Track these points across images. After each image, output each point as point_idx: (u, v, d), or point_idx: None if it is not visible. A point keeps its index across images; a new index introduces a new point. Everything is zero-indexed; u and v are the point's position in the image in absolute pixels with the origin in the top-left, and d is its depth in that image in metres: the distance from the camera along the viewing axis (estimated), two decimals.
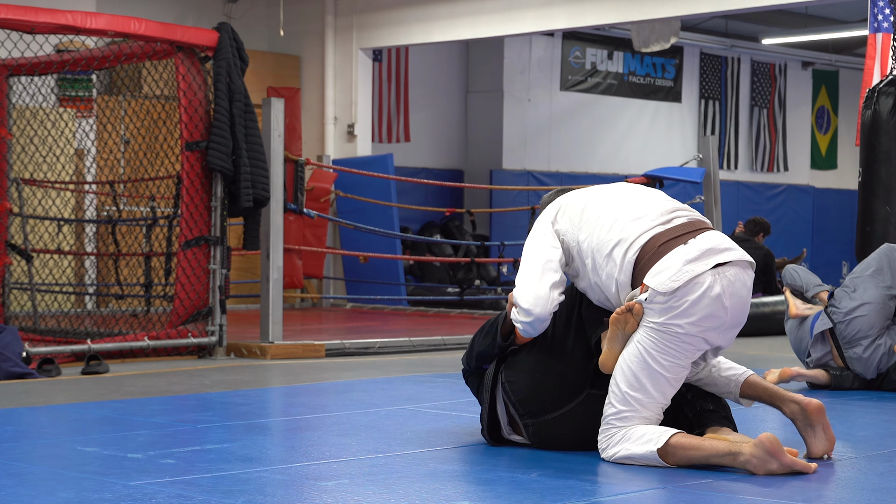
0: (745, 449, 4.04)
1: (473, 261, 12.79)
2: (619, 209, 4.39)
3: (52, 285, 10.76)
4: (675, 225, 4.32)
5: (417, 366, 8.03)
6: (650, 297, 4.16)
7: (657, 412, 4.23)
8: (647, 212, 4.36)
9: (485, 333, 4.62)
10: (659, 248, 4.24)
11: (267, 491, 3.79)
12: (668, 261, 4.18)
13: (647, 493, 3.84)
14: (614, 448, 4.23)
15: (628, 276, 4.26)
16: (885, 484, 4.00)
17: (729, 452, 4.07)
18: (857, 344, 6.47)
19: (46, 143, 10.19)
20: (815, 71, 21.50)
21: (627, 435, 4.20)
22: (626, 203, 4.42)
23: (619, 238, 4.30)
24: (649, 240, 4.27)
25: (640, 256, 4.25)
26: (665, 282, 4.14)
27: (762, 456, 4.02)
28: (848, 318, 6.48)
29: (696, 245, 4.22)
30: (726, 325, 4.22)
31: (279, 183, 8.64)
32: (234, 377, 7.27)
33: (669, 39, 15.09)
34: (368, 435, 4.90)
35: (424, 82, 16.89)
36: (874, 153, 7.33)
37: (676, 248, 4.22)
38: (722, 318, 4.19)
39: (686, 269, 4.15)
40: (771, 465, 4.03)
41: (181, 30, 8.28)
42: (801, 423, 4.37)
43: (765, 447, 4.02)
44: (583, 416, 4.40)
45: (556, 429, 4.42)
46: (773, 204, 20.88)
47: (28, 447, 4.68)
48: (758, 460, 4.03)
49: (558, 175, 17.93)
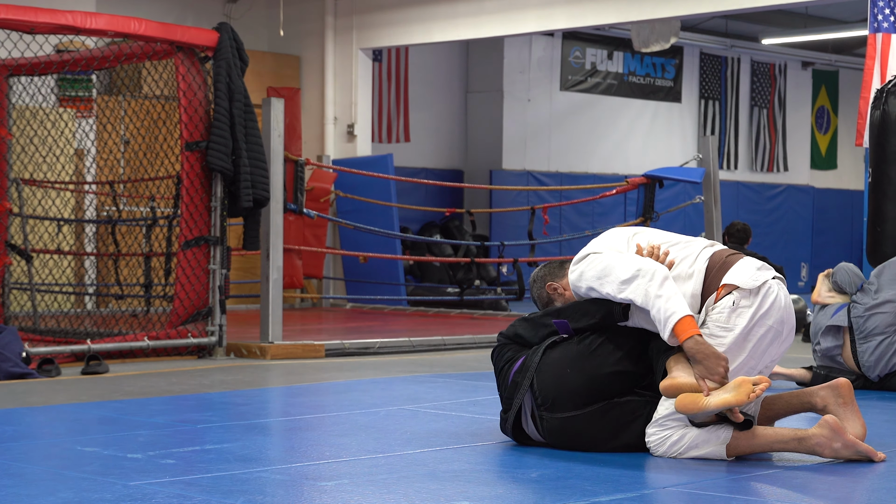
0: (811, 431, 4.22)
1: (473, 261, 12.78)
2: (665, 238, 4.57)
3: (52, 285, 10.75)
4: (722, 247, 4.54)
5: (417, 366, 8.03)
6: (738, 298, 4.29)
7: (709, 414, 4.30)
8: (691, 239, 4.58)
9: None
10: (726, 258, 4.42)
11: (267, 491, 3.79)
12: (740, 267, 4.37)
13: (647, 493, 3.85)
14: (675, 447, 4.34)
15: (699, 284, 4.38)
16: (885, 484, 4.00)
17: (795, 437, 4.25)
18: (871, 339, 6.58)
19: (46, 143, 10.19)
20: (815, 71, 21.50)
21: (686, 435, 4.31)
22: (667, 237, 4.60)
23: (683, 255, 4.46)
24: (714, 254, 4.45)
25: (710, 267, 4.40)
26: (748, 280, 4.31)
27: (828, 434, 4.20)
28: (868, 313, 6.61)
29: (750, 260, 4.45)
30: (784, 335, 4.37)
31: (279, 183, 8.64)
32: (233, 377, 7.27)
33: (669, 39, 15.09)
34: (368, 435, 4.90)
35: (424, 82, 16.89)
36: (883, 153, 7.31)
37: (740, 261, 4.41)
38: (788, 325, 4.36)
39: (759, 274, 4.34)
40: (836, 443, 4.21)
41: (181, 30, 8.28)
42: (835, 404, 4.47)
43: (829, 426, 4.21)
44: (598, 422, 4.41)
45: (568, 428, 4.42)
46: (773, 204, 20.88)
47: (28, 447, 4.68)
48: (825, 439, 4.20)
49: (558, 175, 17.93)
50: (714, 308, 4.33)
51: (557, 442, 4.48)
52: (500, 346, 4.71)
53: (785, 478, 4.08)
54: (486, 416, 5.34)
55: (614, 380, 4.41)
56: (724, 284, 4.33)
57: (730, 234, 12.52)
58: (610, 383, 4.41)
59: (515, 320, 4.77)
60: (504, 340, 4.70)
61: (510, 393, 4.53)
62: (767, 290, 4.33)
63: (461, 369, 7.65)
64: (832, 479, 4.10)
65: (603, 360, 4.38)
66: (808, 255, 21.30)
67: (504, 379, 4.61)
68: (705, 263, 4.42)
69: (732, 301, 4.30)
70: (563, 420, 4.41)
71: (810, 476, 4.12)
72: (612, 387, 4.41)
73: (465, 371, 7.50)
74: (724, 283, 4.33)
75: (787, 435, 4.31)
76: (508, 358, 4.63)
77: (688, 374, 4.24)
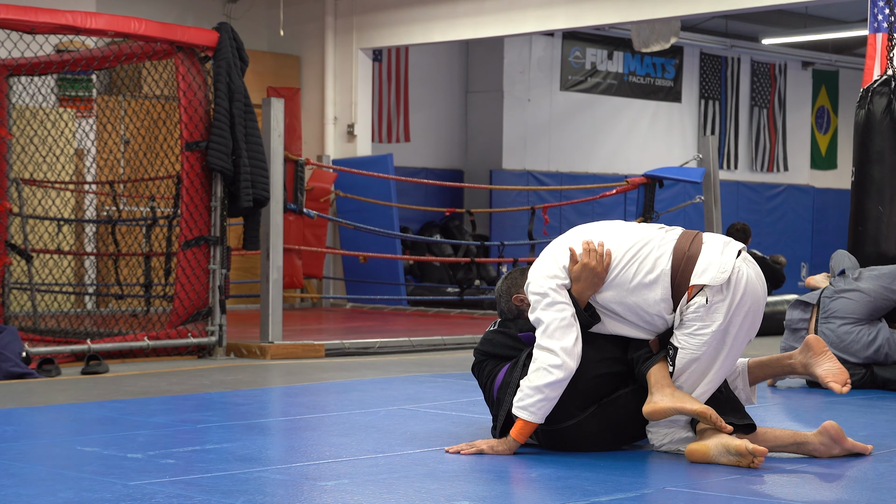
0: (810, 437, 4.35)
1: (473, 261, 12.78)
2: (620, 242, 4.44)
3: (52, 285, 10.75)
4: (679, 234, 4.45)
5: (417, 366, 8.03)
6: (710, 295, 4.26)
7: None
8: (645, 235, 4.45)
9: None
10: (689, 250, 4.35)
11: (267, 491, 3.79)
12: (704, 260, 4.31)
13: (647, 493, 3.85)
14: (675, 445, 4.39)
15: (667, 289, 4.33)
16: (885, 484, 4.00)
17: (794, 442, 4.38)
18: (832, 321, 6.72)
19: (46, 143, 10.19)
20: (815, 71, 21.50)
21: (687, 434, 4.35)
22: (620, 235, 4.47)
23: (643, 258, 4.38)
24: (675, 249, 4.37)
25: (675, 265, 4.34)
26: (716, 276, 4.27)
27: (827, 442, 4.35)
28: (836, 295, 6.79)
29: (712, 240, 4.38)
30: (759, 308, 4.37)
31: (279, 183, 8.64)
32: (234, 377, 7.27)
33: (669, 39, 15.08)
34: (368, 435, 4.90)
35: (424, 82, 16.88)
36: (867, 153, 7.34)
37: (702, 249, 4.34)
38: (761, 299, 4.37)
39: (725, 263, 4.29)
40: (834, 450, 4.36)
41: (181, 30, 8.28)
42: (809, 360, 4.56)
43: (830, 434, 4.35)
44: (595, 425, 4.41)
45: (568, 436, 4.43)
46: (773, 204, 20.88)
47: (28, 447, 4.68)
48: (824, 447, 4.35)
49: (558, 175, 17.93)
50: (688, 307, 4.30)
51: (557, 448, 4.48)
52: (478, 363, 4.72)
53: (785, 478, 4.08)
54: (486, 416, 5.33)
55: (601, 382, 4.41)
56: (693, 286, 4.28)
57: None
58: (597, 386, 4.41)
59: (486, 333, 4.75)
60: (480, 357, 4.71)
61: (496, 410, 4.54)
62: (738, 277, 4.28)
63: (461, 369, 7.64)
64: (832, 480, 4.10)
65: (586, 367, 4.37)
66: (808, 255, 21.29)
67: (489, 394, 4.61)
68: (669, 262, 4.33)
69: (706, 299, 4.27)
70: (563, 430, 4.41)
71: (810, 476, 4.13)
72: (599, 389, 4.41)
73: (465, 371, 7.49)
74: (693, 285, 4.28)
75: (786, 439, 4.40)
76: (489, 372, 4.64)
77: (669, 397, 4.27)
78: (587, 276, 4.35)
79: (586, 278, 4.35)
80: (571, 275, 4.37)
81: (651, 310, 4.34)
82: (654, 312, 4.34)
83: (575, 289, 4.37)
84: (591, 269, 4.34)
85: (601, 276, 4.35)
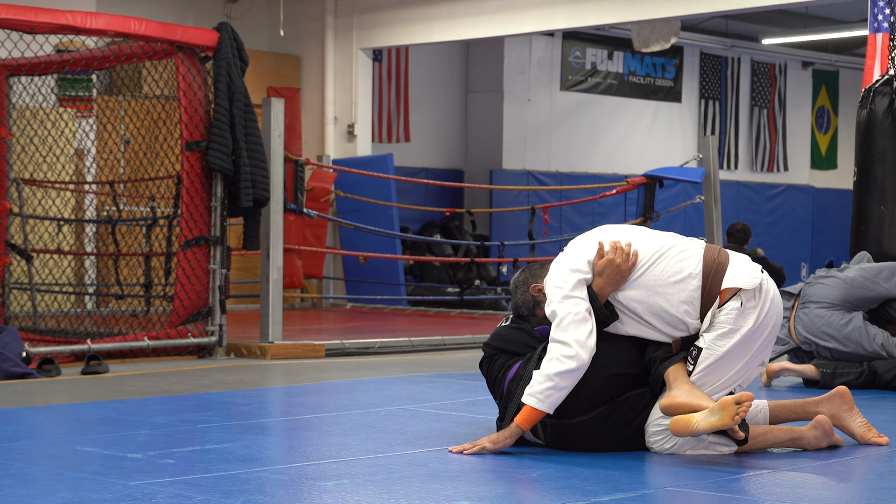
0: (805, 432, 4.49)
1: (473, 261, 12.78)
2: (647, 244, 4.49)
3: (52, 285, 10.75)
4: (705, 244, 4.54)
5: (417, 366, 8.03)
6: (745, 300, 4.33)
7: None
8: (671, 240, 4.52)
9: None
10: (718, 259, 4.42)
11: (267, 491, 3.79)
12: (736, 267, 4.39)
13: (647, 493, 3.85)
14: (675, 447, 4.40)
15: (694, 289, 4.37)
16: (885, 484, 4.00)
17: (790, 438, 4.50)
18: (807, 306, 6.78)
19: (46, 143, 10.19)
20: (815, 71, 21.50)
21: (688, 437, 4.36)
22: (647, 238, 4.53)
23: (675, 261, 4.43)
24: (705, 257, 4.43)
25: (706, 272, 4.39)
26: (749, 280, 4.35)
27: (820, 436, 4.49)
28: (815, 281, 6.85)
29: (736, 254, 4.50)
30: (777, 323, 4.44)
31: (279, 183, 8.64)
32: (233, 377, 7.27)
33: (669, 39, 15.08)
34: (368, 435, 4.90)
35: (424, 82, 16.88)
36: (869, 153, 7.34)
37: (731, 260, 4.43)
38: (780, 316, 4.45)
39: (755, 271, 4.40)
40: (823, 442, 4.51)
41: (181, 30, 8.27)
42: (839, 412, 4.66)
43: (822, 428, 4.50)
44: (603, 425, 4.41)
45: (576, 432, 4.43)
46: (773, 204, 20.88)
47: (28, 447, 4.68)
48: (816, 440, 4.49)
49: (558, 175, 17.93)
50: (721, 311, 4.35)
51: (561, 446, 4.48)
52: (488, 357, 4.71)
53: (785, 478, 4.07)
54: (486, 416, 5.33)
55: (616, 382, 4.42)
56: (727, 289, 4.35)
57: (730, 234, 12.52)
58: (612, 385, 4.41)
59: (497, 329, 4.75)
60: (491, 351, 4.70)
61: (506, 401, 4.53)
62: (767, 287, 4.40)
63: (461, 369, 7.65)
64: (832, 480, 4.10)
65: (602, 364, 4.38)
66: (808, 255, 21.29)
67: (499, 388, 4.61)
68: (699, 266, 4.40)
69: (740, 302, 4.33)
70: (572, 426, 4.41)
71: (810, 476, 4.13)
72: (613, 389, 4.42)
73: (465, 371, 7.50)
74: (726, 288, 4.35)
75: (783, 437, 4.52)
76: (501, 366, 4.63)
77: (687, 393, 4.28)
78: (611, 272, 4.38)
79: (609, 274, 4.38)
80: (595, 269, 4.40)
81: (673, 311, 4.37)
82: (675, 314, 4.37)
83: (597, 283, 4.39)
84: (615, 265, 4.38)
85: (624, 275, 4.38)
